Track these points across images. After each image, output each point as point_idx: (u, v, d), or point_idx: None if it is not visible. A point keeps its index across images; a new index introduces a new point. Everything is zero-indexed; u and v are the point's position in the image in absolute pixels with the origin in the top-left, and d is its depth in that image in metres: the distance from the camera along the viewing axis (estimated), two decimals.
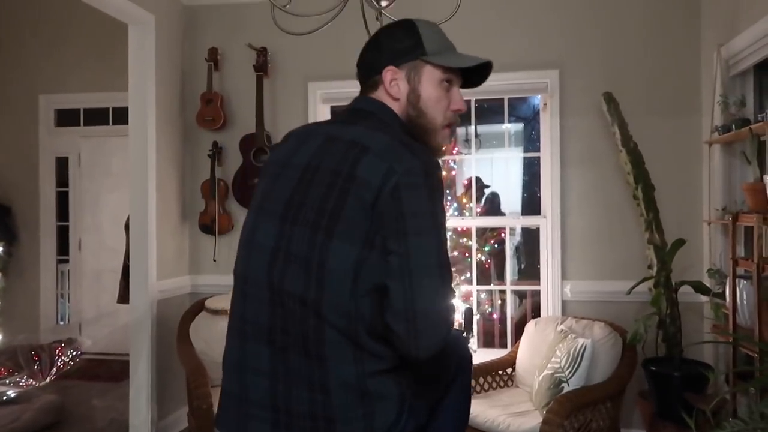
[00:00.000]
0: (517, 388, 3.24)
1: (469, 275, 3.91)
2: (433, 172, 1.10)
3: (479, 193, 4.94)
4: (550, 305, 3.50)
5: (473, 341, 3.56)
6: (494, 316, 4.61)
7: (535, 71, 3.53)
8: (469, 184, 4.46)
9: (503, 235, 4.33)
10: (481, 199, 5.15)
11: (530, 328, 3.31)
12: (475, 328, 3.59)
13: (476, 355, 3.41)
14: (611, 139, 3.23)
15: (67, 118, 5.36)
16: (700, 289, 2.93)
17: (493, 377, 3.25)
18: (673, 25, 3.39)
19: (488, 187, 5.36)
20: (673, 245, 3.00)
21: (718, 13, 3.15)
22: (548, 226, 3.52)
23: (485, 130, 5.75)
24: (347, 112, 1.27)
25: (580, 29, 3.49)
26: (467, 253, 4.03)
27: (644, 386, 3.06)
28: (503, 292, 4.59)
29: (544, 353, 3.04)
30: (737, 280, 2.44)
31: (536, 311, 3.68)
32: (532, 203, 3.90)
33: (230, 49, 3.88)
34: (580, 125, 3.48)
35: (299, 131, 1.29)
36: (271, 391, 1.13)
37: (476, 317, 3.81)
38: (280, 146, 1.28)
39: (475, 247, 3.93)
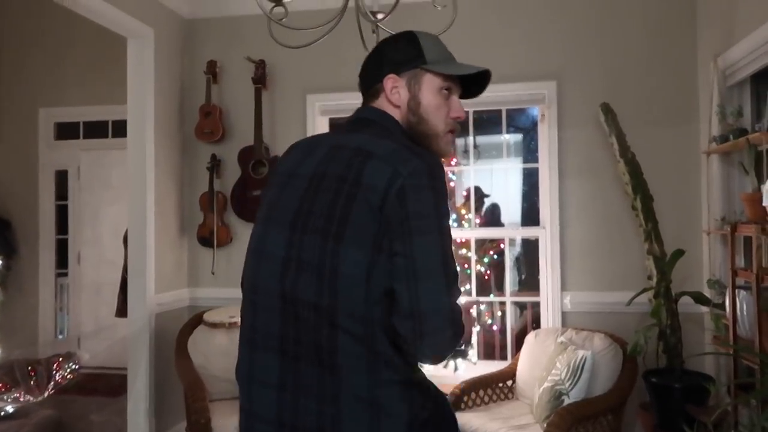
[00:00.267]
0: (517, 400, 3.22)
1: (468, 287, 3.89)
2: (437, 174, 1.11)
3: (479, 203, 4.93)
4: (550, 316, 3.49)
5: (472, 353, 3.54)
6: (494, 327, 4.59)
7: (532, 82, 3.54)
8: (468, 195, 4.46)
9: (503, 246, 4.32)
10: (480, 209, 5.14)
11: (530, 339, 3.30)
12: (474, 340, 3.57)
13: (476, 367, 3.40)
14: (609, 149, 3.23)
15: (66, 131, 5.37)
16: (700, 299, 2.92)
17: (493, 390, 3.23)
18: (669, 35, 3.40)
19: (488, 196, 5.35)
20: (672, 256, 2.99)
21: (713, 24, 3.16)
22: (547, 237, 3.51)
23: (484, 140, 5.76)
24: (350, 121, 1.30)
25: (577, 41, 3.51)
26: (467, 264, 4.02)
27: (645, 398, 3.03)
28: (503, 303, 4.58)
29: (544, 365, 3.02)
30: (737, 290, 2.42)
31: (537, 322, 3.66)
32: (532, 213, 3.89)
33: (229, 61, 3.90)
34: (578, 136, 3.48)
35: (303, 143, 1.31)
36: (277, 403, 1.12)
37: (476, 329, 3.79)
38: (285, 158, 1.29)
39: (474, 258, 3.92)
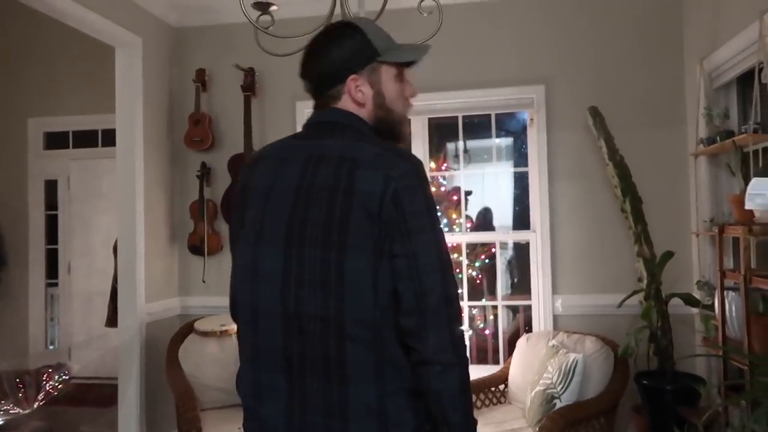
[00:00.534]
0: (510, 404, 3.21)
1: (460, 291, 3.89)
2: (423, 173, 1.16)
3: (465, 199, 4.92)
4: (541, 320, 3.49)
5: None
6: (486, 331, 4.59)
7: (521, 87, 3.56)
8: (458, 199, 4.46)
9: (494, 250, 4.32)
10: (467, 207, 5.12)
11: (522, 343, 3.30)
12: (466, 344, 3.57)
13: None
14: (598, 152, 3.25)
15: (56, 141, 5.34)
16: (689, 301, 2.93)
17: (485, 394, 3.22)
18: (656, 39, 3.43)
19: (470, 193, 5.33)
20: (662, 258, 3.00)
21: (699, 27, 3.19)
22: (538, 240, 3.52)
23: (474, 145, 5.76)
24: (319, 125, 1.26)
25: (565, 45, 3.53)
26: (458, 269, 4.02)
27: (637, 400, 3.04)
28: (495, 307, 4.58)
29: (536, 369, 3.02)
30: (725, 292, 2.43)
31: (529, 325, 3.66)
32: (523, 216, 3.90)
33: (218, 69, 3.89)
34: (567, 140, 3.49)
35: (270, 155, 1.26)
36: (286, 423, 1.12)
37: (468, 333, 3.79)
38: (253, 173, 1.25)
39: (465, 262, 3.92)
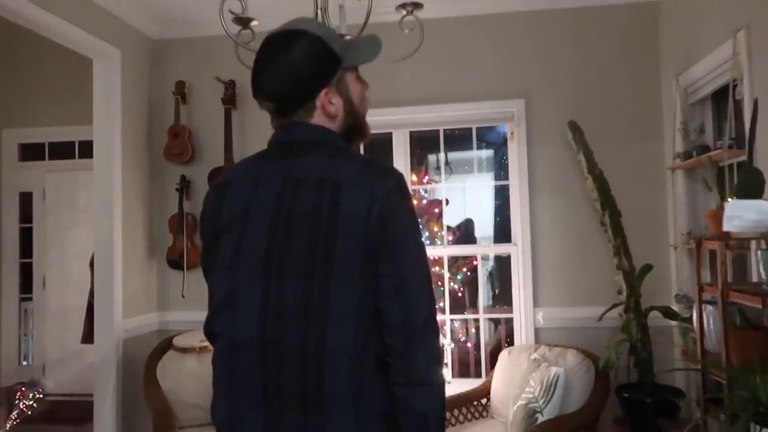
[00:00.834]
0: (492, 418, 3.20)
1: (442, 304, 3.88)
2: (405, 188, 1.15)
3: (443, 212, 4.94)
4: (523, 333, 3.49)
5: (446, 372, 3.53)
6: (468, 344, 4.59)
7: (501, 101, 3.58)
8: (440, 212, 4.46)
9: (476, 263, 4.33)
10: (448, 220, 5.14)
11: (504, 357, 3.30)
12: (448, 361, 3.55)
13: (450, 386, 3.38)
14: (578, 166, 3.28)
15: (31, 152, 5.25)
16: (668, 314, 2.96)
17: (468, 408, 3.21)
18: (633, 55, 3.48)
19: (447, 202, 5.35)
20: (641, 271, 3.03)
21: (675, 43, 3.25)
22: (519, 253, 3.53)
23: (455, 156, 5.79)
24: (287, 144, 1.19)
25: (544, 60, 3.57)
26: (440, 282, 4.02)
27: (619, 413, 3.05)
28: (477, 319, 4.58)
29: (518, 383, 3.02)
30: (703, 305, 2.46)
31: (510, 337, 3.66)
32: (505, 226, 3.92)
33: (198, 82, 3.86)
34: (547, 153, 3.52)
35: (238, 177, 1.20)
36: None
37: (450, 346, 3.78)
38: (222, 199, 1.18)
39: (447, 275, 3.92)
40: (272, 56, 1.18)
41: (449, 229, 4.71)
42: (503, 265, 5.46)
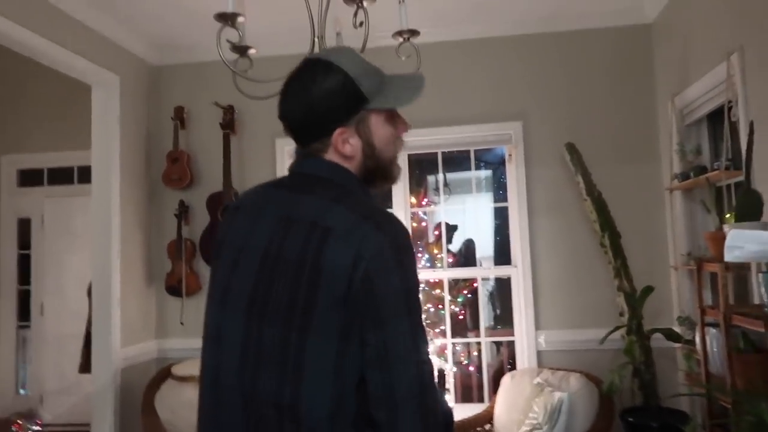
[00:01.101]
0: None
1: (443, 328, 3.86)
2: (402, 244, 1.03)
3: (449, 234, 4.93)
4: (525, 356, 3.46)
5: (449, 397, 3.49)
6: (470, 368, 4.54)
7: (499, 123, 3.60)
8: (439, 234, 4.45)
9: (476, 284, 4.31)
10: (452, 241, 5.13)
11: (506, 381, 3.26)
12: (450, 385, 3.51)
13: (453, 411, 3.33)
14: (576, 188, 3.28)
15: (30, 178, 5.24)
16: (671, 336, 2.93)
17: None
18: (628, 76, 3.51)
19: (456, 228, 5.34)
20: (642, 292, 3.01)
21: (669, 65, 3.27)
22: (519, 275, 3.51)
23: (454, 177, 5.79)
24: (299, 176, 1.16)
25: (541, 82, 3.59)
26: (440, 305, 3.99)
27: None
28: (479, 342, 4.55)
29: (521, 408, 2.98)
30: (706, 328, 2.44)
31: (513, 359, 3.63)
32: (505, 246, 3.91)
33: (196, 107, 3.87)
34: (545, 175, 3.53)
35: (247, 203, 1.18)
36: None
37: (453, 370, 3.74)
38: (231, 224, 1.17)
39: (448, 298, 3.89)
40: (294, 82, 1.14)
41: (449, 252, 4.70)
42: (504, 285, 5.44)
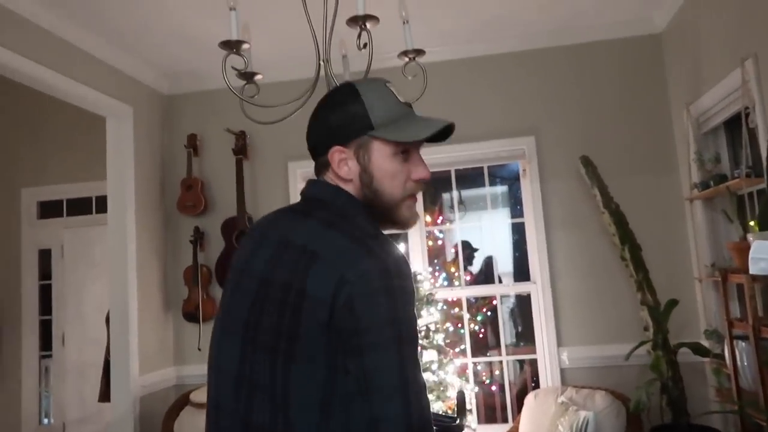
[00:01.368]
0: None
1: (463, 347, 3.79)
2: (392, 272, 0.96)
3: (467, 260, 4.87)
4: (548, 374, 3.38)
5: (471, 419, 3.41)
6: (493, 387, 4.45)
7: (511, 138, 3.57)
8: (456, 252, 4.40)
9: (495, 302, 4.24)
10: (471, 261, 5.07)
11: (530, 400, 3.18)
12: (473, 407, 3.43)
13: None
14: (592, 201, 3.22)
15: (49, 209, 5.31)
16: (699, 351, 2.84)
17: None
18: (640, 86, 3.46)
19: (477, 250, 5.29)
20: (667, 306, 2.93)
21: (682, 74, 3.22)
22: (539, 291, 3.45)
23: (469, 194, 5.76)
24: (304, 199, 1.15)
25: (552, 96, 3.56)
26: (460, 323, 3.93)
27: None
28: (501, 361, 4.46)
29: (546, 428, 2.90)
30: (735, 341, 2.36)
31: (536, 377, 3.54)
32: (523, 261, 3.84)
33: (209, 134, 3.91)
34: (560, 189, 3.48)
35: (258, 228, 1.18)
36: None
37: (474, 390, 3.66)
38: (243, 246, 1.17)
39: (467, 317, 3.83)
40: (320, 102, 1.16)
41: (467, 270, 4.64)
42: (525, 302, 5.35)
